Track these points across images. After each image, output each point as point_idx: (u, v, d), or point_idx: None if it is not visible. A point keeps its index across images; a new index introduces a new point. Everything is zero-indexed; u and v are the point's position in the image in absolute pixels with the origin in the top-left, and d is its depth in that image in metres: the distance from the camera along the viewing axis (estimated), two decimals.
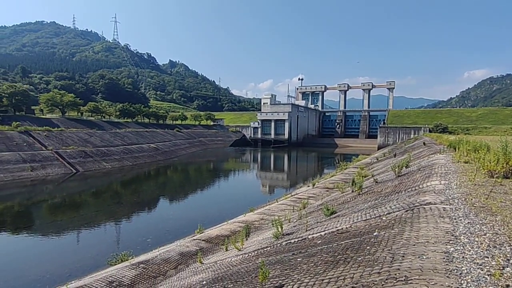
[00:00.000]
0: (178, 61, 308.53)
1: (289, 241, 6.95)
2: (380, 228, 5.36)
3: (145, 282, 8.29)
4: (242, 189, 35.15)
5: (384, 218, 5.99)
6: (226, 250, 9.24)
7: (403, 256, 3.67)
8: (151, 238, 16.78)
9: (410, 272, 3.20)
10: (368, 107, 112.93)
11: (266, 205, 18.81)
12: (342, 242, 5.14)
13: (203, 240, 11.52)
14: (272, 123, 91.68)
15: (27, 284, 11.74)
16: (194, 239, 11.91)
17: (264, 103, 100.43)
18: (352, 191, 12.07)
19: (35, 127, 44.39)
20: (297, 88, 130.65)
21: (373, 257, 3.90)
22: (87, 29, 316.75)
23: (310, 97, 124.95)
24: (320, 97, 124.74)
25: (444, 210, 5.40)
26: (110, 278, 8.56)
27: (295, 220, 10.30)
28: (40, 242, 17.67)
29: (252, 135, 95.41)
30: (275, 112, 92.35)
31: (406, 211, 5.89)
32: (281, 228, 8.18)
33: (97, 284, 8.14)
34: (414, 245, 3.98)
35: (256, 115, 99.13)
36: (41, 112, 60.04)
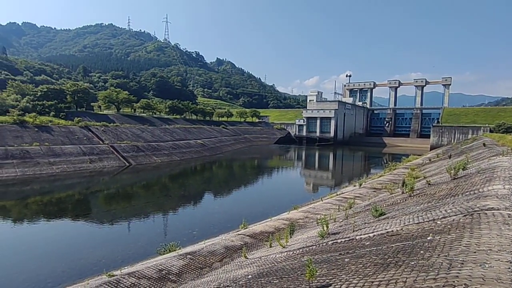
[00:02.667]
0: (225, 59, 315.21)
1: (335, 240, 6.82)
2: (434, 232, 5.06)
3: (192, 272, 8.64)
4: (286, 187, 35.09)
5: (439, 222, 5.64)
6: (271, 246, 9.31)
7: (462, 263, 3.44)
8: (197, 231, 17.42)
9: (470, 280, 2.99)
10: (421, 104, 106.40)
11: (311, 203, 18.61)
12: (393, 245, 4.93)
13: (247, 236, 11.71)
14: (318, 121, 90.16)
15: (86, 267, 12.81)
16: (238, 234, 12.15)
17: (309, 100, 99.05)
18: (402, 193, 11.51)
19: (93, 122, 48.09)
20: (345, 85, 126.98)
21: (428, 262, 3.70)
22: (140, 30, 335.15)
23: (358, 94, 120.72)
24: (369, 94, 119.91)
25: (509, 217, 4.95)
26: (160, 266, 9.04)
27: (341, 220, 10.08)
28: (97, 229, 19.16)
29: (297, 133, 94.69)
30: (321, 109, 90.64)
31: (464, 216, 5.50)
32: (327, 227, 8.05)
33: (148, 271, 8.64)
34: (474, 252, 3.71)
35: (302, 112, 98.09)
36: (99, 108, 64.81)
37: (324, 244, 6.90)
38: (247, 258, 8.51)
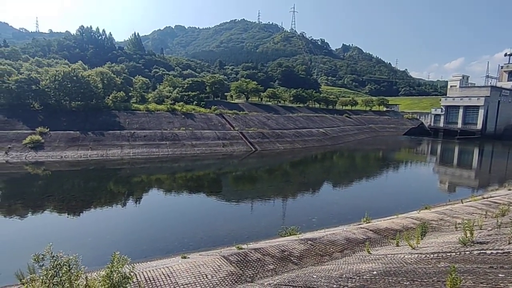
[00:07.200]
0: (352, 44, 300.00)
1: (483, 251, 5.78)
2: None
3: (312, 258, 8.75)
4: (415, 183, 31.61)
5: None
6: (397, 245, 8.60)
7: None
8: (316, 219, 17.51)
9: None
10: None
11: (447, 204, 16.34)
12: None
13: (370, 230, 11.11)
14: (461, 110, 77.40)
15: (218, 237, 14.52)
16: (361, 228, 11.64)
17: (451, 86, 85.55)
18: None
19: (226, 110, 53.37)
20: (502, 67, 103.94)
21: None
22: (269, 22, 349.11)
23: None
24: None
25: None
26: (282, 247, 9.46)
27: (489, 228, 8.48)
28: (227, 205, 21.53)
29: (432, 124, 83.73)
30: (466, 96, 77.26)
31: None
32: (471, 234, 6.89)
33: (271, 250, 9.17)
34: None
35: (440, 100, 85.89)
36: (231, 97, 71.39)
37: (468, 253, 5.93)
38: (370, 254, 8.08)
